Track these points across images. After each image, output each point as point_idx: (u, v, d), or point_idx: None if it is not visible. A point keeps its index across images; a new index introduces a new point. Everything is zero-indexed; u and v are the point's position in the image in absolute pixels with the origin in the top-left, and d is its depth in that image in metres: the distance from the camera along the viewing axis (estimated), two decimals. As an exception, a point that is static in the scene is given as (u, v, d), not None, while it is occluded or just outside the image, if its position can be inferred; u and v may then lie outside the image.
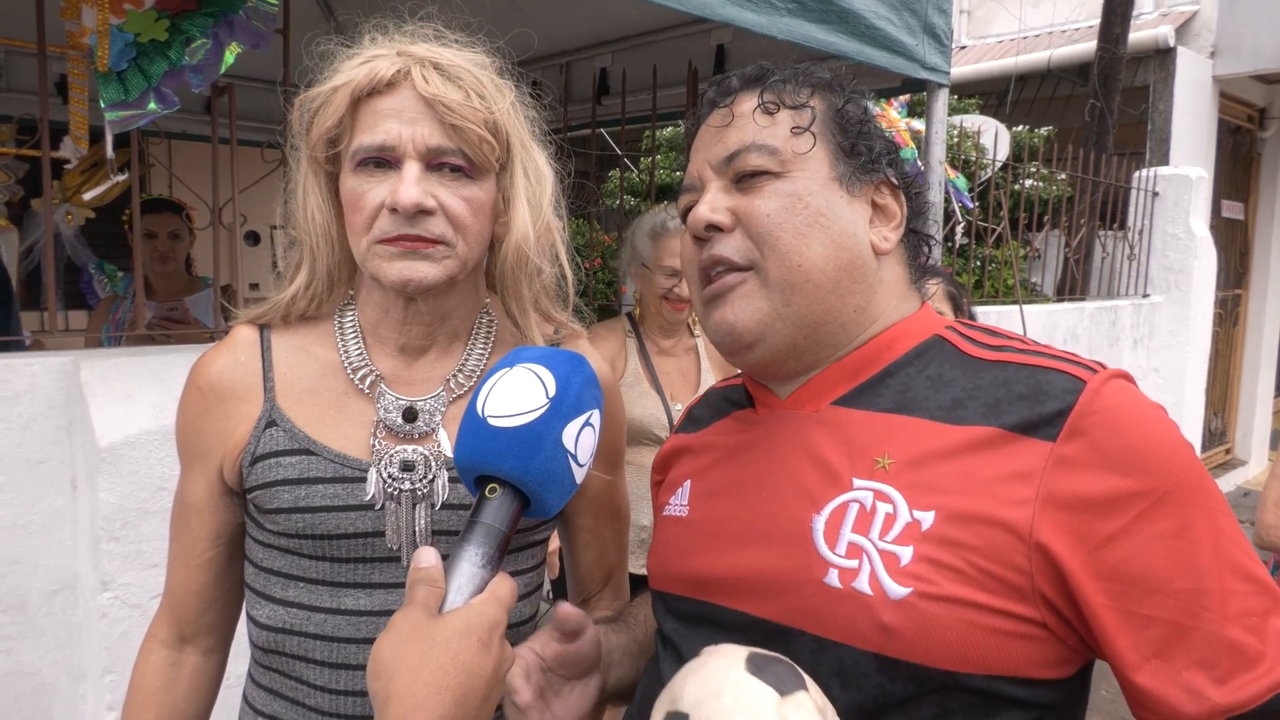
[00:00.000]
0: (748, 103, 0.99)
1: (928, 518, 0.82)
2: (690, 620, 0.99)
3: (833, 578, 0.84)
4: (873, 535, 0.84)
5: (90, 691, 2.00)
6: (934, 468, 0.85)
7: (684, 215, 1.04)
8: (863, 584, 0.82)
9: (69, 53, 1.99)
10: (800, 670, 0.77)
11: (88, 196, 2.57)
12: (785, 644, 0.84)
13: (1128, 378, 0.87)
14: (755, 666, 0.75)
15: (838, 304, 0.95)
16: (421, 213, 1.01)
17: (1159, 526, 0.78)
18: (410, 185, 0.99)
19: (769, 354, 0.97)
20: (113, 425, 1.92)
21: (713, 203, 0.97)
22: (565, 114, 4.14)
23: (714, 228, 0.97)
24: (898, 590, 0.80)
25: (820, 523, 0.88)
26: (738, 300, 0.96)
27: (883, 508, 0.85)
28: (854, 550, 0.84)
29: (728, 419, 1.11)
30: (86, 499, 1.96)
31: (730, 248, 0.96)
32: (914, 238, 1.05)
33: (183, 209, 3.49)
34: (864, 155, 0.99)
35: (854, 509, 0.87)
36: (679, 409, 2.65)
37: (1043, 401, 0.84)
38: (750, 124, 0.98)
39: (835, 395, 0.97)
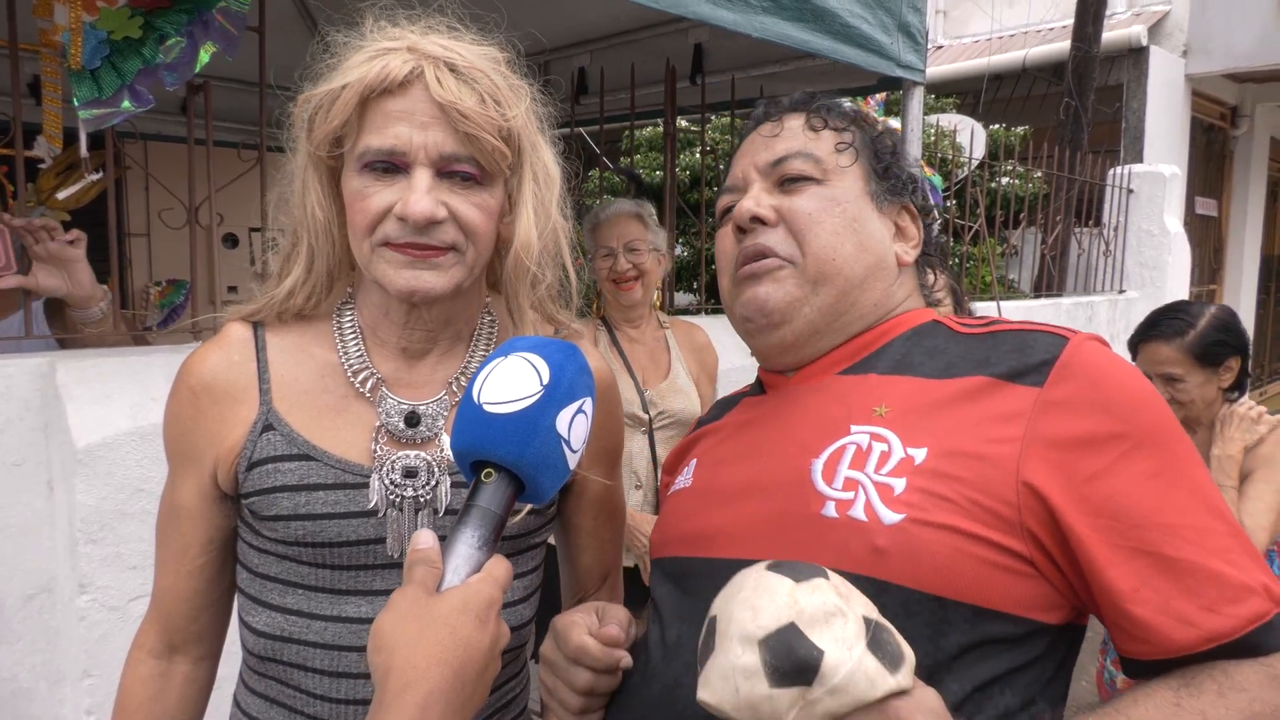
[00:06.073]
0: (795, 119, 1.11)
1: (921, 453, 0.88)
2: (683, 577, 1.01)
3: (829, 509, 0.89)
4: (868, 470, 0.89)
5: (69, 695, 1.99)
6: (928, 413, 0.92)
7: (721, 215, 1.14)
8: (858, 511, 0.87)
9: (41, 50, 1.98)
10: (825, 569, 0.79)
11: (61, 196, 2.55)
12: None
13: (1104, 341, 0.94)
14: (774, 565, 0.78)
15: (861, 298, 1.05)
16: (432, 223, 0.98)
17: (1141, 466, 0.84)
18: (422, 196, 0.96)
19: (791, 335, 1.05)
20: (90, 427, 1.91)
21: (757, 198, 1.07)
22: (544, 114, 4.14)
23: (758, 220, 1.05)
24: (891, 516, 0.85)
25: (819, 464, 0.93)
26: (772, 282, 1.04)
27: (878, 446, 0.90)
28: (850, 484, 0.89)
29: (739, 406, 1.17)
30: (64, 501, 1.95)
31: (775, 239, 1.04)
32: (925, 260, 1.15)
33: None
34: (894, 180, 1.11)
35: (851, 449, 0.92)
36: (651, 394, 2.71)
37: (1029, 353, 0.92)
38: (799, 135, 1.09)
39: (838, 370, 1.04)
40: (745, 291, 1.06)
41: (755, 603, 0.74)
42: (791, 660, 0.70)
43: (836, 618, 0.72)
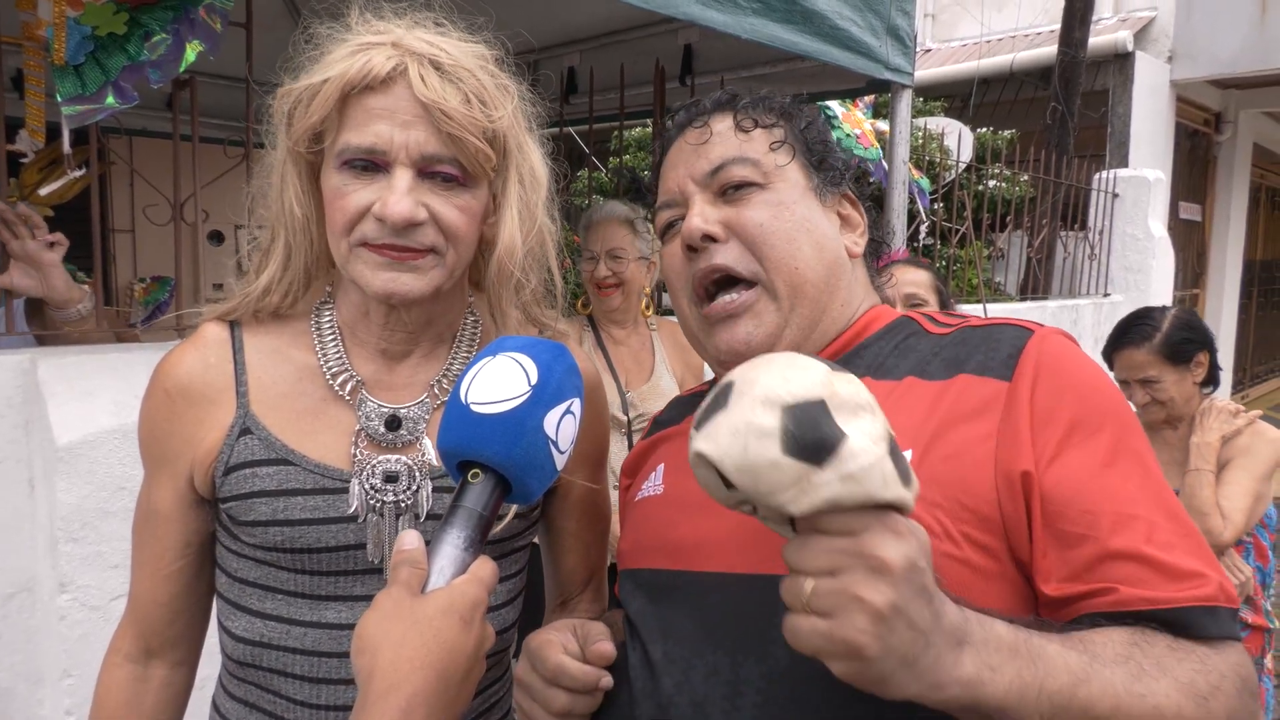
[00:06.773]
0: (723, 122, 1.06)
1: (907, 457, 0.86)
2: (660, 591, 0.99)
3: None
4: None
5: (48, 696, 1.97)
6: (907, 415, 0.90)
7: (663, 231, 1.09)
8: None
9: (24, 44, 1.96)
10: None
11: (44, 192, 2.53)
12: (761, 593, 0.85)
13: (1069, 336, 0.95)
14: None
15: (829, 300, 1.03)
16: (411, 225, 0.96)
17: (1095, 456, 0.85)
18: (401, 197, 0.94)
19: None
20: (71, 424, 1.89)
21: (703, 214, 1.02)
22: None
23: (709, 238, 1.01)
24: None
25: None
26: (750, 320, 1.00)
27: None
28: None
29: None
30: (44, 499, 1.93)
31: (730, 257, 1.01)
32: (871, 244, 1.13)
33: None
34: (831, 170, 1.08)
35: None
36: (632, 395, 2.72)
37: (996, 348, 0.93)
38: (730, 139, 1.04)
39: None
40: (721, 334, 1.02)
41: (787, 372, 0.70)
42: (813, 434, 0.66)
43: (866, 412, 0.69)
